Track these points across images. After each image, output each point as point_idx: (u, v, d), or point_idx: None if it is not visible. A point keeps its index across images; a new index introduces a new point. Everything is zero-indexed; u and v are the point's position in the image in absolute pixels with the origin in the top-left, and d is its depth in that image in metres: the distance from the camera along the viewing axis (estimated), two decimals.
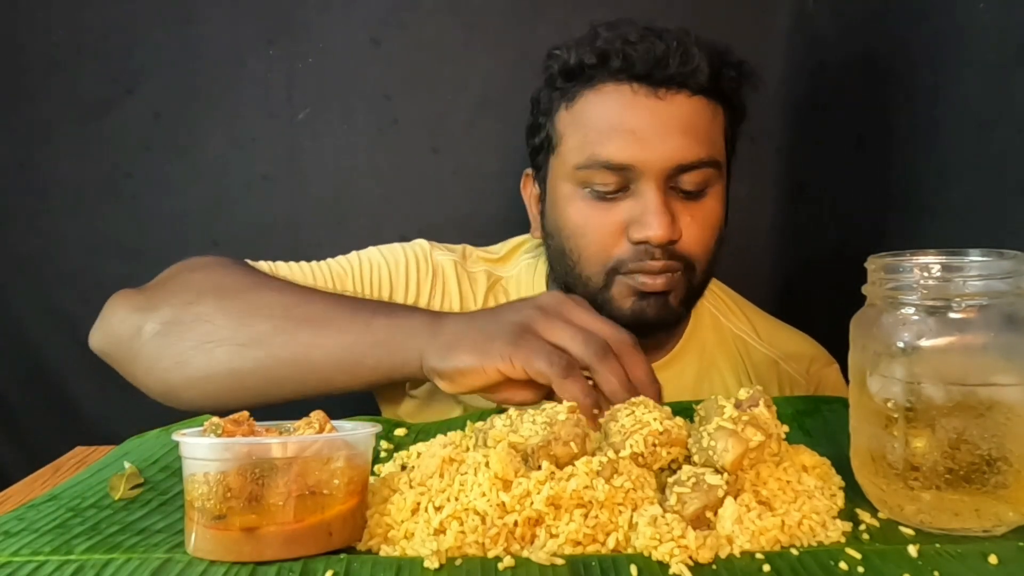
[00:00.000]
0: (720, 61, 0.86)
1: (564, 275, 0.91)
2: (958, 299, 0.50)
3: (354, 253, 0.95)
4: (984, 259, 0.51)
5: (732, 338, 1.00)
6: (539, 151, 0.93)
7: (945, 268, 0.51)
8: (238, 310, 0.75)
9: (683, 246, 0.86)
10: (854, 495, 0.55)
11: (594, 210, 0.86)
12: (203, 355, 0.74)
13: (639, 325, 0.87)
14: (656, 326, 0.89)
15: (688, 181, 0.85)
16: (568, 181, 0.88)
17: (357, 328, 0.72)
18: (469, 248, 1.01)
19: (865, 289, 0.55)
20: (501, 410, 0.75)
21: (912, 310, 0.51)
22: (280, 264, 0.91)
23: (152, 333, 0.76)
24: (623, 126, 0.84)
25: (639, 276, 0.85)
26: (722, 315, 1.01)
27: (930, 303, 0.51)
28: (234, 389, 0.74)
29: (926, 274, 0.51)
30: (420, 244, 0.97)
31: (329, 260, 0.94)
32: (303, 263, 0.92)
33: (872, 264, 0.54)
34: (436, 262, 0.95)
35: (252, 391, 0.74)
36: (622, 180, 0.84)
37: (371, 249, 0.96)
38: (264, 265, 0.90)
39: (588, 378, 0.66)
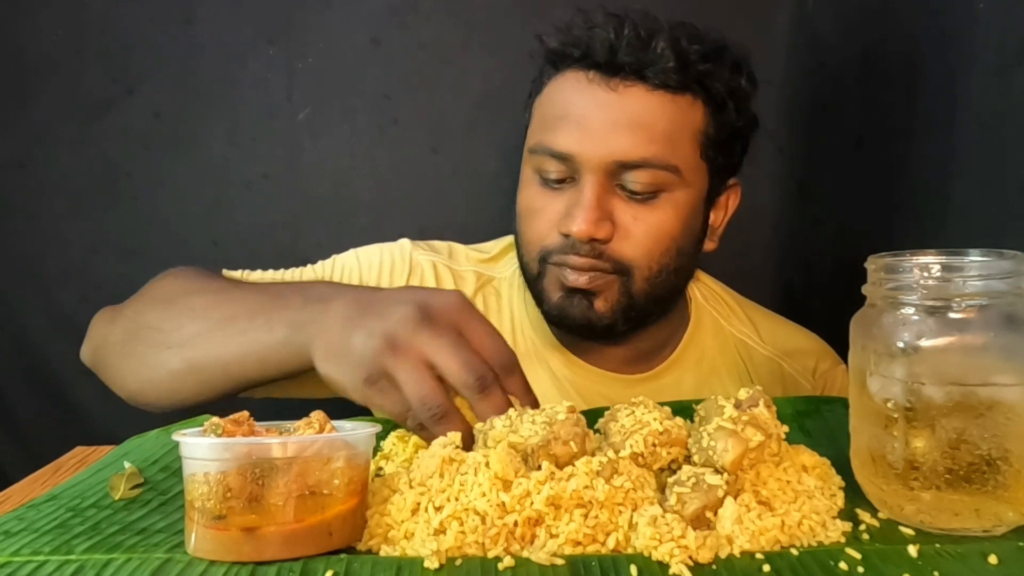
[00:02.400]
0: (695, 51, 0.80)
1: (519, 262, 0.89)
2: (958, 299, 0.50)
3: (332, 258, 0.94)
4: (984, 259, 0.51)
5: (734, 342, 0.97)
6: (524, 136, 0.91)
7: (945, 268, 0.51)
8: (175, 315, 0.76)
9: (616, 249, 0.81)
10: (854, 495, 0.55)
11: (541, 196, 0.84)
12: (150, 360, 0.76)
13: (564, 323, 0.85)
14: (582, 328, 0.85)
15: (634, 180, 0.80)
16: (527, 165, 0.86)
17: (259, 326, 0.69)
18: (457, 246, 0.99)
19: (865, 289, 0.55)
20: None
21: (912, 310, 0.51)
22: (252, 274, 0.91)
23: (114, 344, 0.81)
24: (570, 115, 0.81)
25: (563, 270, 0.82)
26: (723, 318, 0.98)
27: (930, 303, 0.51)
28: (179, 389, 0.75)
29: (926, 274, 0.51)
30: (401, 244, 0.95)
31: (305, 267, 0.93)
32: (274, 271, 0.92)
33: (872, 264, 0.54)
34: (415, 262, 0.93)
35: (194, 389, 0.74)
36: (567, 170, 0.82)
37: (349, 252, 0.94)
38: (237, 274, 0.90)
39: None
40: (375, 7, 1.24)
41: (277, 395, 0.79)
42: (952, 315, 0.50)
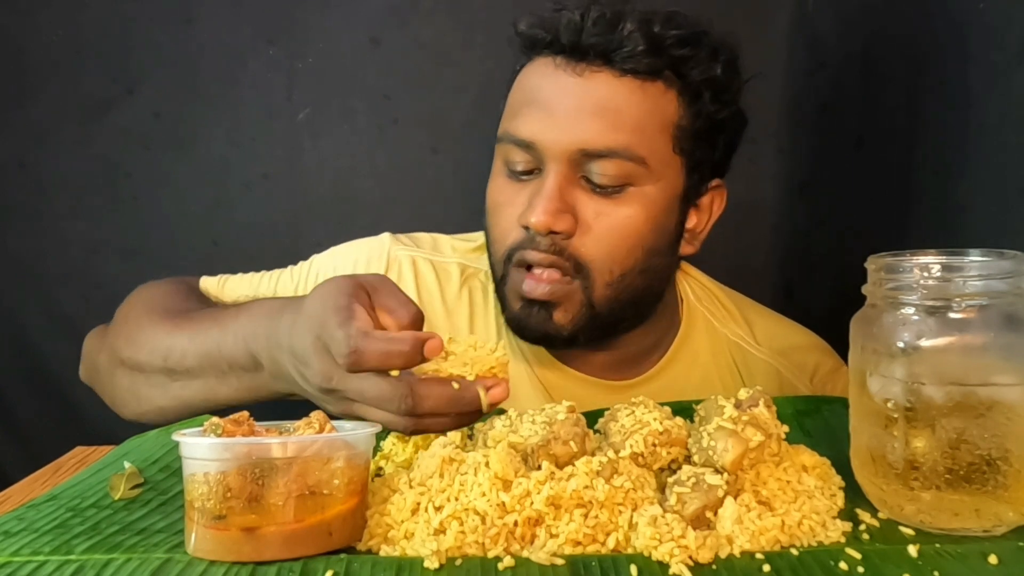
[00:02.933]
0: (670, 36, 0.75)
1: (489, 265, 0.85)
2: (958, 299, 0.50)
3: (311, 259, 0.92)
4: (984, 259, 0.51)
5: (727, 345, 0.92)
6: None
7: (945, 268, 0.51)
8: (141, 359, 0.77)
9: (577, 246, 0.76)
10: (854, 495, 0.55)
11: (507, 189, 0.80)
12: (135, 395, 0.79)
13: (523, 335, 0.82)
14: (540, 341, 0.82)
15: (599, 172, 0.75)
16: (496, 157, 0.82)
17: (213, 376, 0.71)
18: (442, 237, 0.94)
19: (865, 289, 0.55)
20: (500, 411, 0.75)
21: (912, 310, 0.51)
22: (231, 277, 0.91)
23: (103, 373, 0.83)
24: (535, 101, 0.77)
25: (523, 280, 0.77)
26: (717, 319, 0.93)
27: (930, 303, 0.51)
28: (173, 417, 0.76)
29: (926, 274, 0.51)
30: (381, 239, 0.92)
31: (283, 270, 0.91)
32: (254, 273, 0.91)
33: (872, 264, 0.54)
34: (392, 257, 0.89)
35: (188, 416, 0.75)
36: (532, 159, 0.77)
37: (327, 252, 0.92)
38: (213, 281, 0.90)
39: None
40: (375, 7, 1.24)
41: None
42: (952, 315, 0.50)
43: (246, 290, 0.89)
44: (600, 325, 0.80)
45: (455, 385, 0.55)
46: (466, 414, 0.56)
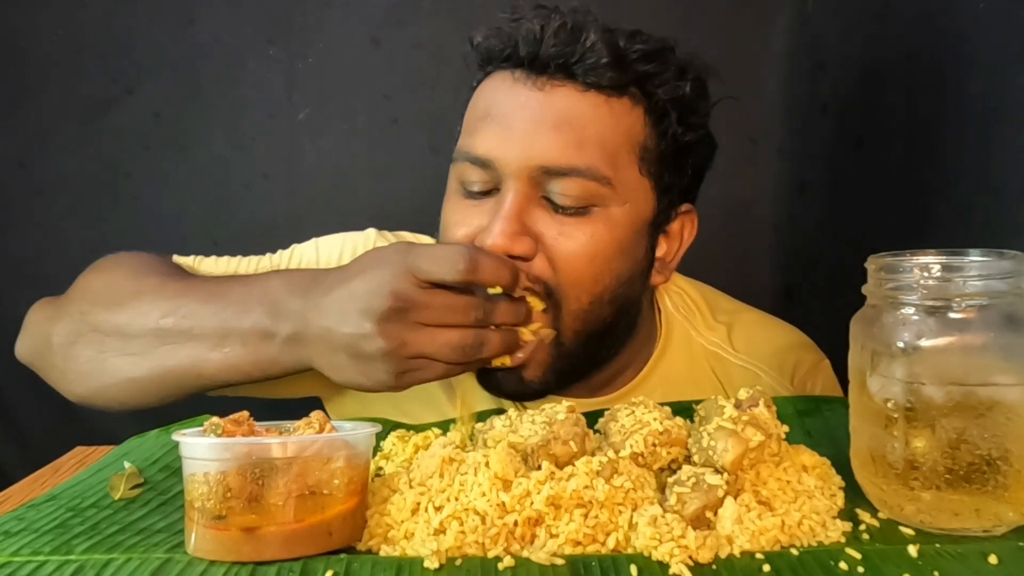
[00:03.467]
0: (636, 50, 0.71)
1: None
2: (958, 299, 0.50)
3: (292, 247, 0.90)
4: (984, 259, 0.51)
5: (705, 356, 0.87)
6: None
7: (945, 268, 0.51)
8: (123, 321, 0.72)
9: (539, 269, 0.70)
10: (854, 495, 0.55)
11: (462, 209, 0.74)
12: (100, 366, 0.72)
13: (490, 391, 0.74)
14: (511, 397, 0.76)
15: (561, 192, 0.70)
16: (451, 176, 0.77)
17: (211, 339, 0.68)
18: (425, 239, 0.91)
19: (865, 289, 0.55)
20: (499, 411, 0.74)
21: (912, 310, 0.51)
22: (205, 260, 0.87)
23: (57, 345, 0.75)
24: (492, 117, 0.73)
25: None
26: (693, 329, 0.87)
27: (930, 303, 0.51)
28: (138, 393, 0.72)
29: (926, 274, 0.51)
30: (366, 234, 0.90)
31: (262, 256, 0.89)
32: (230, 257, 0.88)
33: (872, 264, 0.54)
34: None
35: (155, 394, 0.72)
36: (489, 178, 0.72)
37: (310, 242, 0.90)
38: (188, 260, 0.86)
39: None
40: (375, 7, 1.24)
41: (253, 395, 0.78)
42: (952, 315, 0.50)
43: (223, 271, 0.86)
44: (571, 365, 0.74)
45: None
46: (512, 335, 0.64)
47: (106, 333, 0.72)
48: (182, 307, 0.69)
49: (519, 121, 0.71)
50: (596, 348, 0.76)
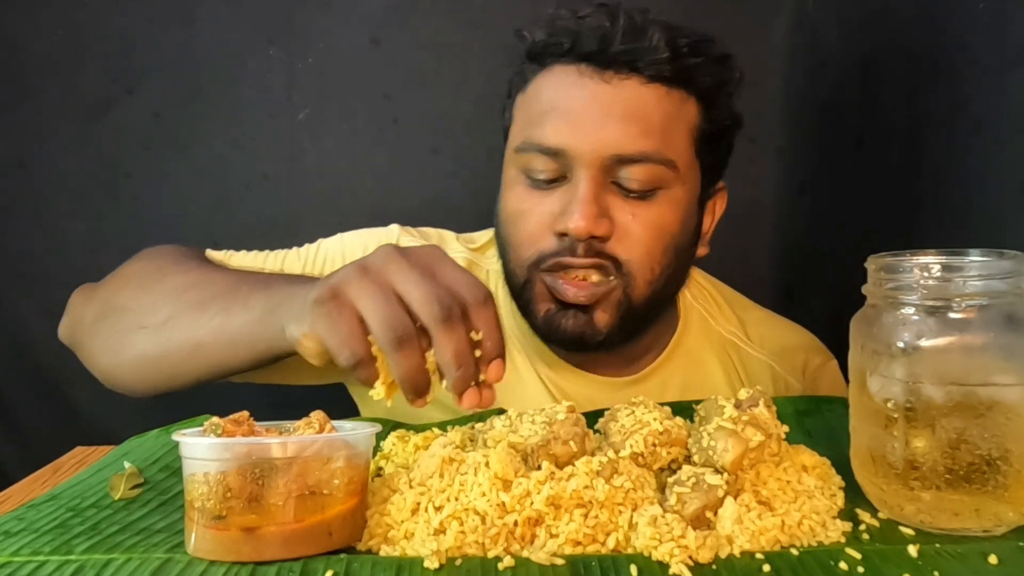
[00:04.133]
0: (687, 46, 0.77)
1: (503, 268, 0.84)
2: (958, 299, 0.50)
3: (318, 241, 0.92)
4: (984, 259, 0.51)
5: (723, 342, 0.93)
6: (505, 137, 0.87)
7: (945, 268, 0.51)
8: (150, 298, 0.75)
9: (615, 249, 0.77)
10: (854, 495, 0.55)
11: (529, 198, 0.79)
12: (124, 342, 0.75)
13: (554, 338, 0.81)
14: (572, 343, 0.81)
15: (631, 177, 0.76)
16: (511, 165, 0.82)
17: (236, 307, 0.68)
18: (448, 234, 0.95)
19: (865, 289, 0.55)
20: (500, 411, 0.75)
21: (912, 310, 0.51)
22: (235, 254, 0.89)
23: (89, 323, 0.79)
24: (561, 109, 0.77)
25: (560, 281, 0.77)
26: (712, 317, 0.94)
27: (930, 303, 0.51)
28: (151, 372, 0.74)
29: (926, 274, 0.51)
30: (389, 229, 0.92)
31: (289, 250, 0.91)
32: (258, 252, 0.90)
33: (872, 264, 0.54)
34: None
35: (166, 373, 0.73)
36: (558, 167, 0.77)
37: (335, 237, 0.92)
38: (219, 254, 0.88)
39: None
40: (375, 7, 1.24)
41: (257, 380, 0.78)
42: (952, 315, 0.50)
43: (251, 265, 0.88)
44: (633, 324, 0.81)
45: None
46: (464, 369, 0.54)
47: (127, 310, 0.76)
48: (195, 287, 0.73)
49: (590, 113, 0.76)
50: (656, 309, 0.83)
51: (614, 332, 0.79)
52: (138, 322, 0.74)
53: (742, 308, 0.97)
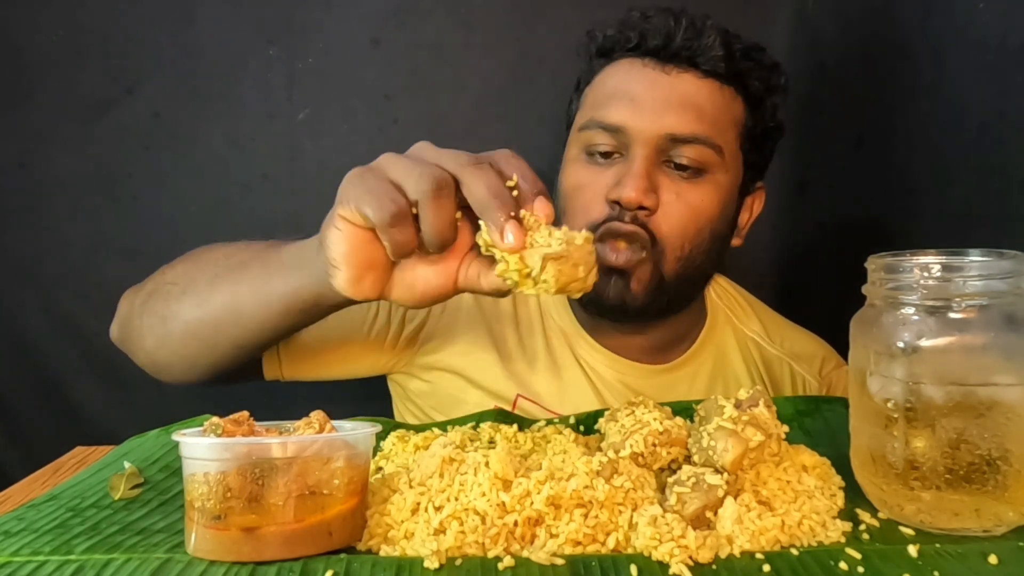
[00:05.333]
0: (740, 50, 0.86)
1: None
2: (958, 299, 0.50)
3: None
4: (984, 259, 0.51)
5: (748, 341, 1.00)
6: (568, 125, 0.95)
7: (945, 268, 0.51)
8: (194, 269, 0.79)
9: (656, 222, 0.84)
10: (854, 495, 0.55)
11: (588, 172, 0.87)
12: (169, 312, 0.78)
13: (598, 304, 0.88)
14: (615, 309, 0.87)
15: (682, 155, 0.84)
16: (574, 145, 0.90)
17: (272, 263, 0.70)
18: None
19: (865, 289, 0.55)
20: (503, 412, 0.75)
21: (912, 310, 0.51)
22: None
23: (139, 306, 0.82)
24: (624, 93, 0.86)
25: (606, 246, 0.83)
26: (736, 317, 1.01)
27: (930, 303, 0.51)
28: (190, 342, 0.76)
29: (926, 274, 0.51)
30: None
31: None
32: None
33: (872, 264, 0.54)
34: None
35: (207, 341, 0.75)
36: (616, 143, 0.85)
37: None
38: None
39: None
40: (375, 7, 1.24)
41: (305, 376, 0.83)
42: (952, 315, 0.50)
43: None
44: (665, 298, 0.88)
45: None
46: (499, 199, 0.53)
47: (175, 284, 0.79)
48: (238, 252, 0.76)
49: (650, 98, 0.85)
50: (685, 289, 0.90)
51: (649, 302, 0.86)
52: (182, 290, 0.77)
53: (764, 312, 1.04)
